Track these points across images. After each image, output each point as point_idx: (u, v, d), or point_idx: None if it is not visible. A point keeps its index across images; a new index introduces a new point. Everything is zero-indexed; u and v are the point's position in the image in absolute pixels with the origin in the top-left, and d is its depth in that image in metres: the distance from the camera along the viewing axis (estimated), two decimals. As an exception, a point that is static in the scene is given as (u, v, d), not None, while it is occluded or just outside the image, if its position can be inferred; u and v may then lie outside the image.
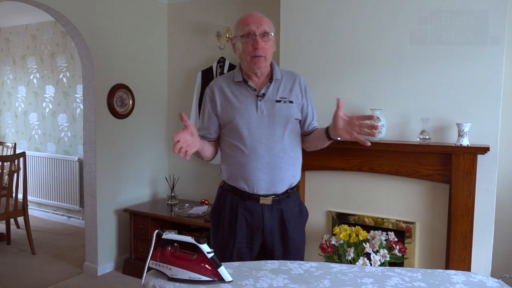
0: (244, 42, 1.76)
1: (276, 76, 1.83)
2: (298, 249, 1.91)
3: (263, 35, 1.74)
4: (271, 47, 1.80)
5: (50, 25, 4.85)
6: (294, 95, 1.84)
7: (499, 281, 1.47)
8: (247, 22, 1.75)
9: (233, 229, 1.83)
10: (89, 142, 3.35)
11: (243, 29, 1.76)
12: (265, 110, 1.78)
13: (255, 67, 1.76)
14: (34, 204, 5.06)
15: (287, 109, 1.80)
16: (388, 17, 2.54)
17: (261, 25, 1.74)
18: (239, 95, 1.81)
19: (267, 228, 1.82)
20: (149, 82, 3.77)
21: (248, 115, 1.78)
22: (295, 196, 1.90)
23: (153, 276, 1.45)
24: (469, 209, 2.28)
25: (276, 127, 1.79)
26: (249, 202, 1.80)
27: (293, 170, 1.86)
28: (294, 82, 1.87)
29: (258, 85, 1.83)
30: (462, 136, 2.25)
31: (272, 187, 1.79)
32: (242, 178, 1.80)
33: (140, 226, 3.39)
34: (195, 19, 3.74)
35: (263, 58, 1.75)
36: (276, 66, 1.87)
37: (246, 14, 1.81)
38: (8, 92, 5.36)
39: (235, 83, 1.84)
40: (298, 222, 1.91)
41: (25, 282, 3.26)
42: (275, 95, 1.81)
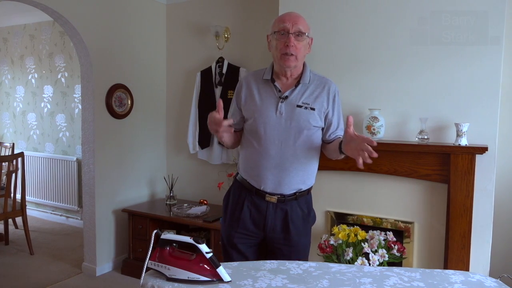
0: (277, 38, 1.76)
1: (304, 80, 1.82)
2: (300, 251, 1.91)
3: (297, 34, 1.74)
4: (304, 47, 1.79)
5: (48, 25, 4.84)
6: (318, 102, 1.81)
7: (497, 280, 1.47)
8: (283, 20, 1.76)
9: (237, 218, 1.89)
10: (88, 142, 3.35)
11: (278, 26, 1.76)
12: (284, 113, 1.78)
13: (284, 65, 1.76)
14: (32, 204, 5.05)
15: (306, 115, 1.78)
16: (387, 17, 2.54)
17: (296, 24, 1.74)
18: (263, 94, 1.83)
19: (269, 225, 1.85)
20: (147, 82, 3.77)
21: (267, 115, 1.79)
22: (304, 200, 1.89)
23: (151, 276, 1.45)
24: (468, 209, 2.28)
25: (292, 131, 1.79)
26: (255, 197, 1.85)
27: (303, 175, 1.85)
28: (323, 89, 1.84)
29: (285, 86, 1.83)
30: (461, 136, 2.26)
31: (278, 187, 1.81)
32: (252, 174, 1.85)
33: (139, 226, 3.38)
34: (194, 19, 3.74)
35: (293, 57, 1.75)
36: (308, 69, 1.86)
37: (284, 13, 1.82)
38: (6, 92, 5.35)
39: (263, 81, 1.85)
40: (303, 225, 1.89)
41: (23, 283, 3.25)
42: (298, 100, 1.80)
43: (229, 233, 1.92)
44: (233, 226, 1.90)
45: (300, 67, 1.83)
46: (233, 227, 1.90)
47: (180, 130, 3.86)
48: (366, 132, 2.50)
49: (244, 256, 1.92)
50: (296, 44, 1.74)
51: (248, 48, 3.47)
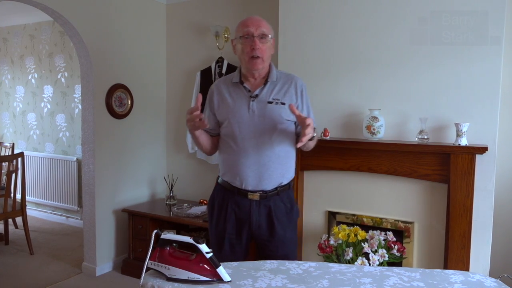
0: (243, 42, 1.83)
1: (271, 78, 1.90)
2: (287, 244, 1.95)
3: (261, 37, 1.81)
4: (269, 49, 1.86)
5: (48, 25, 4.84)
6: (287, 97, 1.88)
7: (497, 280, 1.47)
8: (246, 24, 1.83)
9: (223, 221, 1.94)
10: (88, 142, 3.35)
11: (242, 31, 1.83)
12: (257, 110, 1.85)
13: (252, 68, 1.84)
14: (32, 204, 5.05)
15: (278, 110, 1.85)
16: (387, 17, 2.54)
17: (259, 27, 1.81)
18: (234, 96, 1.90)
19: (254, 222, 1.90)
20: (147, 82, 3.77)
21: (240, 115, 1.86)
22: (285, 194, 1.95)
23: (151, 276, 1.45)
24: (468, 209, 2.28)
25: (266, 127, 1.85)
26: (238, 197, 1.90)
27: (282, 169, 1.91)
28: (290, 84, 1.91)
29: (254, 86, 1.90)
30: (461, 136, 2.26)
31: (259, 183, 1.87)
32: (232, 174, 1.90)
33: (139, 226, 3.38)
34: (194, 19, 3.74)
35: (260, 59, 1.82)
36: (274, 68, 1.94)
37: (246, 17, 1.87)
38: (6, 92, 5.35)
39: (233, 84, 1.93)
40: (287, 219, 1.95)
41: (23, 283, 3.25)
42: (268, 96, 1.87)
43: (217, 236, 1.97)
44: (221, 229, 1.95)
45: (266, 67, 1.90)
46: (221, 230, 1.95)
47: (180, 130, 3.86)
48: (366, 132, 2.50)
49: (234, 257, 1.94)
50: (261, 46, 1.81)
51: (248, 48, 3.47)
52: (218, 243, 1.97)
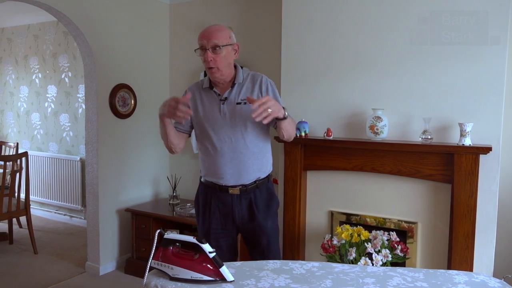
0: (200, 54, 1.94)
1: (237, 80, 1.99)
2: (269, 233, 2.05)
3: (214, 48, 1.89)
4: (225, 57, 1.93)
5: (52, 25, 4.86)
6: (254, 95, 1.97)
7: (501, 281, 1.47)
8: (201, 37, 1.92)
9: (208, 217, 2.05)
10: (91, 142, 3.36)
11: (198, 43, 1.93)
12: (228, 112, 1.96)
13: (211, 77, 1.96)
14: (36, 204, 5.07)
15: (246, 109, 1.93)
16: (390, 17, 2.53)
17: (210, 39, 1.89)
18: (206, 101, 2.02)
19: (237, 215, 2.01)
20: (151, 81, 3.78)
21: (213, 118, 1.98)
22: (265, 186, 2.05)
23: (155, 275, 1.45)
24: (471, 209, 2.27)
25: (237, 126, 1.95)
26: (220, 193, 2.01)
27: (259, 164, 2.01)
28: (255, 83, 2.00)
29: (223, 89, 2.00)
30: (464, 136, 2.25)
31: (239, 179, 1.98)
32: (213, 173, 2.01)
33: (142, 225, 3.39)
34: (197, 19, 3.74)
35: (215, 69, 1.91)
36: (240, 70, 2.03)
37: (203, 29, 1.96)
38: (11, 92, 5.37)
39: (204, 90, 2.04)
40: (268, 209, 2.05)
41: (27, 282, 3.27)
42: (237, 98, 1.97)
43: (206, 229, 2.07)
44: (207, 225, 2.06)
45: (228, 73, 1.97)
46: (207, 226, 2.06)
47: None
48: (369, 132, 2.49)
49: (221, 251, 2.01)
50: (215, 57, 1.89)
51: (250, 47, 3.47)
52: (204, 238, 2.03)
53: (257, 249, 2.07)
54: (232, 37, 1.99)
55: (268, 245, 2.05)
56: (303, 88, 2.81)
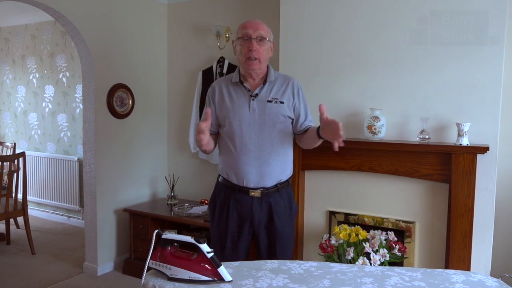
0: (241, 44, 1.91)
1: (270, 78, 1.97)
2: (284, 240, 2.02)
3: (259, 39, 1.88)
4: (266, 51, 1.93)
5: (49, 24, 4.85)
6: (286, 96, 1.96)
7: (498, 280, 1.47)
8: (245, 26, 1.90)
9: (225, 219, 1.99)
10: (89, 142, 3.35)
11: (241, 32, 1.91)
12: (257, 109, 1.93)
13: (249, 68, 1.91)
14: (33, 204, 5.06)
15: (277, 108, 1.93)
16: (388, 17, 2.54)
17: (257, 29, 1.88)
18: (234, 95, 1.97)
19: (256, 219, 1.96)
20: (149, 82, 3.77)
21: (241, 113, 1.93)
22: (285, 191, 2.02)
23: (153, 276, 1.45)
24: (469, 208, 2.28)
25: (266, 124, 1.93)
26: (239, 195, 1.96)
27: (282, 166, 1.99)
28: (288, 84, 1.99)
29: (253, 86, 1.98)
30: (462, 135, 2.25)
31: (260, 180, 1.93)
32: (233, 172, 1.96)
33: (140, 226, 3.39)
34: (195, 19, 3.74)
35: (257, 60, 1.89)
36: (271, 69, 2.02)
37: (246, 21, 1.94)
38: (8, 92, 5.36)
39: (233, 84, 2.00)
40: (286, 216, 2.02)
41: (24, 282, 3.26)
42: (267, 96, 1.95)
43: (222, 232, 2.01)
44: (223, 227, 2.00)
45: (264, 68, 1.97)
46: (223, 228, 2.00)
47: (181, 129, 3.87)
48: (367, 132, 2.49)
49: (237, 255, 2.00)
50: (258, 48, 1.89)
51: (249, 47, 3.47)
52: (220, 242, 2.02)
53: (270, 254, 2.00)
54: (272, 35, 1.98)
55: (281, 252, 2.00)
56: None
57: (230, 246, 2.01)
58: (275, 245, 2.00)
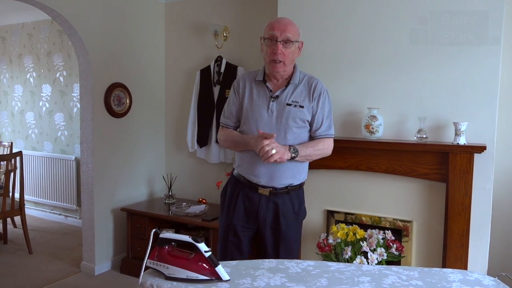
0: (267, 45, 1.90)
1: (293, 81, 1.96)
2: (289, 242, 2.01)
3: (285, 42, 1.86)
4: (293, 53, 1.92)
5: (46, 23, 4.83)
6: (306, 100, 1.95)
7: (495, 279, 1.48)
8: (272, 27, 1.88)
9: (232, 210, 2.03)
10: (86, 141, 3.34)
11: (268, 33, 1.90)
12: (275, 111, 1.92)
13: (273, 71, 1.91)
14: (31, 204, 5.05)
15: (296, 112, 1.91)
16: (385, 16, 2.54)
17: (284, 32, 1.85)
18: (256, 93, 1.97)
19: (261, 216, 1.99)
20: (146, 81, 3.77)
21: (260, 113, 1.93)
22: (295, 194, 2.02)
23: (150, 275, 1.45)
24: (466, 207, 2.29)
25: (282, 127, 1.92)
26: (249, 190, 1.98)
27: (294, 170, 1.95)
28: (310, 87, 1.96)
29: (276, 86, 1.97)
30: (459, 135, 2.26)
31: (270, 180, 1.94)
32: (246, 168, 1.98)
33: (138, 225, 3.38)
34: (193, 18, 3.73)
35: (281, 63, 1.88)
36: (298, 70, 1.98)
37: (275, 19, 1.91)
38: (5, 91, 5.34)
39: (256, 82, 1.97)
40: (293, 219, 2.03)
41: (22, 282, 3.25)
42: (288, 99, 1.93)
43: (227, 222, 2.05)
44: (229, 218, 2.04)
45: (289, 70, 1.96)
46: (229, 219, 2.04)
47: (179, 129, 3.86)
48: (364, 131, 2.50)
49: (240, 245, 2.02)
50: (284, 51, 1.87)
51: (246, 47, 3.47)
52: (225, 232, 2.06)
53: (275, 256, 1.99)
54: (301, 34, 1.95)
55: (286, 254, 2.00)
56: (298, 87, 2.80)
57: (233, 239, 2.04)
58: (279, 247, 1.99)
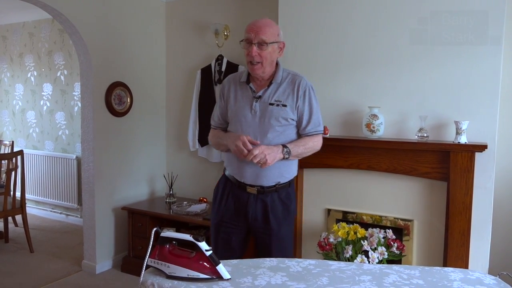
0: (244, 47, 1.92)
1: (276, 80, 1.96)
2: (280, 241, 2.02)
3: (260, 44, 1.86)
4: (271, 54, 1.90)
5: (47, 22, 4.83)
6: (290, 99, 1.94)
7: (496, 278, 1.48)
8: (248, 29, 1.89)
9: (223, 209, 2.06)
10: (87, 140, 3.35)
11: (245, 35, 1.91)
12: (258, 111, 1.93)
13: (251, 72, 1.94)
14: (32, 202, 5.05)
15: (278, 111, 1.92)
16: (387, 16, 2.53)
17: (258, 34, 1.85)
18: (240, 94, 1.99)
19: (250, 215, 1.99)
20: (147, 80, 3.77)
21: (243, 114, 1.95)
22: (284, 191, 2.01)
23: (151, 274, 1.45)
24: (467, 206, 2.29)
25: (265, 127, 1.92)
26: (238, 189, 2.01)
27: (281, 169, 1.97)
28: (294, 85, 1.96)
29: (259, 86, 1.98)
30: (460, 134, 2.26)
31: (257, 179, 1.95)
32: (233, 168, 2.02)
33: (138, 224, 3.39)
34: (193, 17, 3.73)
35: (259, 65, 1.89)
36: (281, 69, 1.98)
37: (253, 20, 1.91)
38: (6, 90, 5.34)
39: (240, 83, 2.02)
40: (283, 216, 2.01)
41: (23, 280, 3.26)
42: (271, 98, 1.94)
43: (218, 220, 2.08)
44: (220, 216, 2.07)
45: (270, 70, 1.95)
46: (220, 217, 2.06)
47: (180, 128, 3.86)
48: (365, 130, 2.49)
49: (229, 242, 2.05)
50: (260, 53, 1.87)
51: (247, 46, 3.46)
52: (216, 229, 2.08)
53: (267, 254, 1.97)
54: (280, 34, 1.94)
55: (278, 252, 1.96)
56: (299, 86, 2.80)
57: (223, 237, 2.06)
58: (271, 245, 1.99)
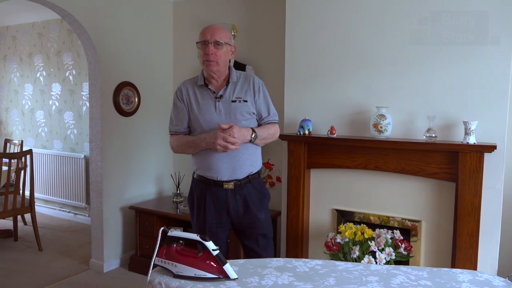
0: (200, 48, 2.06)
1: (232, 79, 2.11)
2: (264, 224, 2.17)
3: (216, 43, 2.01)
4: (225, 54, 2.06)
5: (56, 23, 4.88)
6: (248, 95, 2.10)
7: (505, 280, 1.46)
8: (203, 32, 2.04)
9: (203, 212, 2.13)
10: (95, 140, 3.37)
11: (200, 38, 2.06)
12: (223, 109, 2.07)
13: (208, 70, 2.05)
14: (40, 201, 5.10)
15: (241, 107, 2.07)
16: (394, 16, 2.52)
17: (213, 35, 2.01)
18: (201, 97, 2.11)
19: (232, 209, 2.10)
20: (155, 79, 3.78)
21: (209, 114, 2.07)
22: (256, 181, 2.16)
23: (158, 273, 1.46)
24: (476, 207, 2.27)
25: (232, 122, 2.02)
26: (215, 188, 2.10)
27: (251, 159, 2.12)
28: (249, 83, 2.12)
29: (217, 87, 2.11)
30: (469, 134, 2.24)
31: (233, 173, 2.07)
32: (208, 168, 2.10)
33: (146, 223, 3.40)
34: (201, 17, 3.74)
35: (214, 62, 2.02)
36: (233, 70, 2.15)
37: (206, 26, 2.08)
38: (15, 90, 5.40)
39: (198, 87, 2.14)
40: (261, 203, 2.17)
41: (31, 278, 3.29)
42: (231, 96, 2.08)
43: (201, 224, 2.15)
44: (202, 220, 2.14)
45: (224, 70, 2.10)
46: (202, 221, 2.14)
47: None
48: (373, 130, 2.48)
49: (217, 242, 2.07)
50: (216, 52, 2.01)
51: (254, 45, 3.47)
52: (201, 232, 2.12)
53: (252, 239, 2.14)
54: (231, 39, 2.15)
55: (263, 235, 2.16)
56: (307, 86, 2.80)
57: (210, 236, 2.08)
58: (255, 230, 2.13)
